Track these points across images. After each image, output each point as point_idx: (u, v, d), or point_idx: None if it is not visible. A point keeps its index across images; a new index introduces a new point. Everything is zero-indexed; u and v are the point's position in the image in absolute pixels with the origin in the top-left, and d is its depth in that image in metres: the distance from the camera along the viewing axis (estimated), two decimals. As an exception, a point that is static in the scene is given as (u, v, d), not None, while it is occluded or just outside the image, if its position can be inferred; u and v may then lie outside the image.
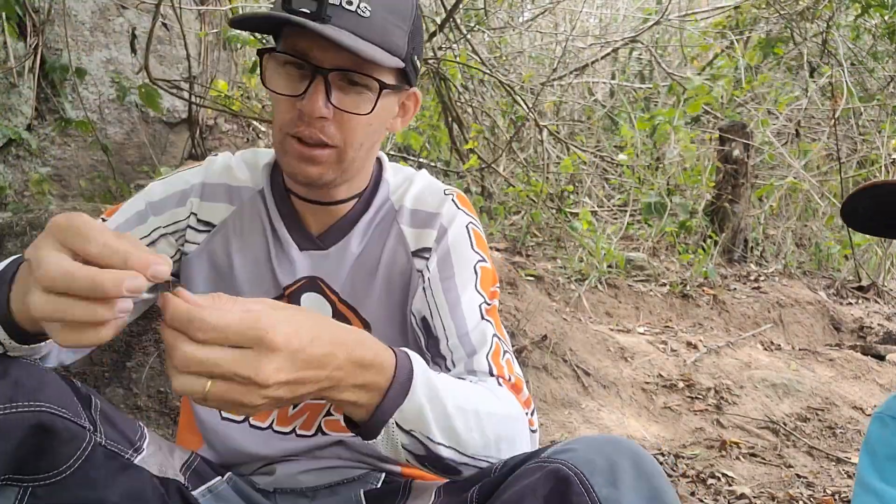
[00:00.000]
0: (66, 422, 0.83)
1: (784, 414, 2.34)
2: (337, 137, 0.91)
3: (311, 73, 0.88)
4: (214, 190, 1.04)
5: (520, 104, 3.90)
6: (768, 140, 4.13)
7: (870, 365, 2.79)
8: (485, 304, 0.99)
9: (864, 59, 4.72)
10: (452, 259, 1.00)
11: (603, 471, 0.73)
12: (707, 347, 2.73)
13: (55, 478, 0.83)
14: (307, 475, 1.03)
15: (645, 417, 2.25)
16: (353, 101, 0.90)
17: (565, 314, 2.77)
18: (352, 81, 0.90)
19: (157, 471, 0.94)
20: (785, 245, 4.22)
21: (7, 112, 2.94)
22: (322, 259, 1.02)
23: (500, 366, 0.96)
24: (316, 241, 1.02)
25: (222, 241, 1.03)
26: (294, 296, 1.02)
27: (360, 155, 0.95)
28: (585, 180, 4.40)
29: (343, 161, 0.94)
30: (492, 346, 0.97)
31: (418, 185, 1.06)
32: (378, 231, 1.03)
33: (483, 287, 1.00)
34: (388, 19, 0.89)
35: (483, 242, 1.04)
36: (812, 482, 1.92)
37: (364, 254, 1.02)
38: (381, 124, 0.96)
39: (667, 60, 5.46)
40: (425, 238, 1.01)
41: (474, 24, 4.15)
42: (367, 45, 0.86)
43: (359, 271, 1.02)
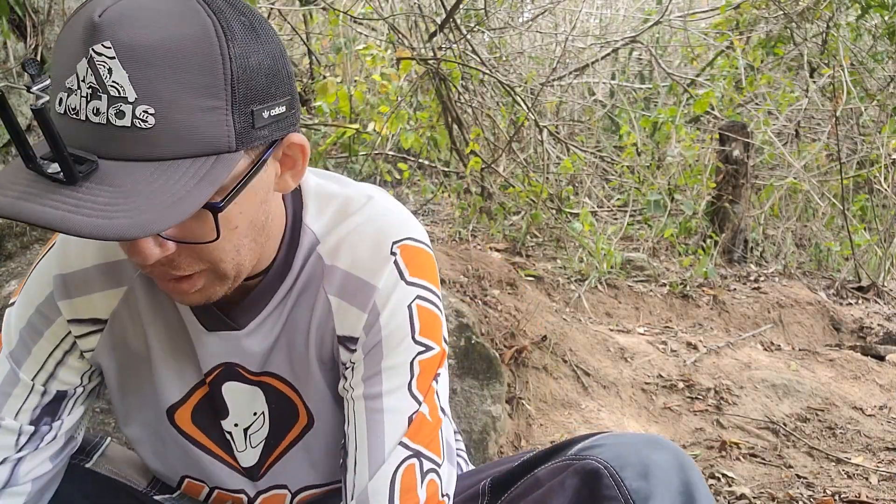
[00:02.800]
0: None
1: (784, 414, 2.34)
2: (197, 265, 0.69)
3: None
4: (83, 278, 0.80)
5: (520, 104, 3.90)
6: (768, 140, 4.13)
7: (870, 365, 2.79)
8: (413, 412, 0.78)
9: (864, 60, 4.72)
10: (384, 354, 0.78)
11: (633, 464, 0.72)
12: (707, 348, 2.73)
13: None
14: None
15: (645, 418, 2.25)
16: (190, 227, 0.65)
17: (565, 314, 2.77)
18: None
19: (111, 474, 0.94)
20: (785, 245, 4.22)
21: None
22: (236, 341, 0.81)
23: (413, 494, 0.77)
24: (225, 321, 0.80)
25: (121, 333, 0.83)
26: (215, 385, 0.84)
27: (245, 255, 0.72)
28: (585, 181, 4.40)
29: (226, 275, 0.71)
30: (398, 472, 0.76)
31: (355, 229, 0.80)
32: (302, 300, 0.81)
33: (420, 387, 0.79)
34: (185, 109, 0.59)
35: (431, 321, 0.80)
36: (812, 482, 1.92)
37: (288, 330, 0.82)
38: (258, 208, 0.70)
39: (667, 60, 5.47)
40: (352, 321, 0.79)
41: (474, 24, 4.15)
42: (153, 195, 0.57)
43: (284, 349, 0.82)
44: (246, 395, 0.84)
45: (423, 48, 3.49)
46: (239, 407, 0.85)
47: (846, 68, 4.19)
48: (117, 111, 0.58)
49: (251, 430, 0.86)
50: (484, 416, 1.87)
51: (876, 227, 4.40)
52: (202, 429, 0.87)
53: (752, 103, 4.45)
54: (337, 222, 0.81)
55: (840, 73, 4.14)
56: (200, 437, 0.87)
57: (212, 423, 0.86)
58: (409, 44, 3.54)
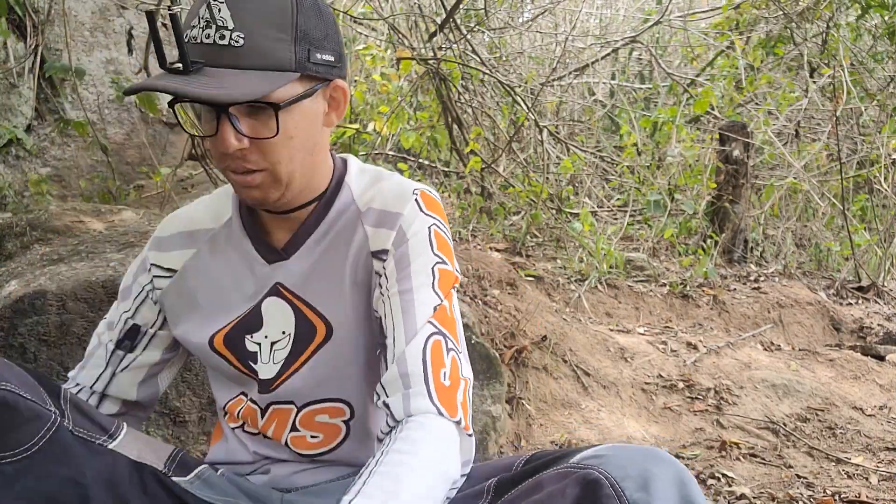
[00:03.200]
0: (28, 402, 0.89)
1: (784, 414, 2.34)
2: (261, 162, 0.92)
3: (215, 111, 0.89)
4: (169, 241, 1.10)
5: (520, 104, 3.90)
6: (768, 140, 4.13)
7: (870, 365, 2.79)
8: (436, 304, 0.96)
9: (864, 60, 4.72)
10: (410, 262, 0.98)
11: (634, 476, 0.75)
12: (707, 348, 2.73)
13: (21, 455, 0.88)
14: (301, 475, 1.06)
15: (645, 418, 2.25)
16: (260, 126, 0.90)
17: (565, 314, 2.77)
18: (255, 108, 0.89)
19: (134, 456, 1.00)
20: (785, 245, 4.22)
21: (7, 112, 2.94)
22: (284, 268, 1.02)
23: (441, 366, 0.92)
24: (280, 252, 1.03)
25: (186, 280, 1.08)
26: (257, 304, 1.04)
27: (296, 167, 0.95)
28: (585, 181, 4.40)
29: (280, 179, 0.94)
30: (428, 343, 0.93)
31: (385, 185, 1.04)
32: (341, 235, 1.02)
33: (441, 288, 0.98)
34: (265, 37, 0.87)
35: (445, 244, 1.02)
36: (812, 482, 1.92)
37: (327, 258, 1.02)
38: (309, 129, 0.95)
39: (667, 60, 5.46)
40: (384, 239, 1.00)
41: (474, 24, 4.15)
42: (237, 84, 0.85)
43: (323, 275, 1.02)
44: (280, 313, 1.03)
45: (423, 48, 3.49)
46: (273, 322, 1.03)
47: (846, 68, 4.19)
48: (220, 35, 0.86)
49: (277, 347, 1.03)
50: (484, 416, 1.87)
51: (876, 227, 4.40)
52: (230, 348, 1.05)
53: (752, 103, 4.45)
54: (371, 185, 1.05)
55: (840, 73, 4.14)
56: (229, 356, 1.05)
57: (240, 342, 1.04)
58: (409, 44, 3.54)
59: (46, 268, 1.85)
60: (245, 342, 1.04)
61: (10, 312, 1.67)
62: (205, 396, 1.73)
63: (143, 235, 2.07)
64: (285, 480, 1.05)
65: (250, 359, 1.04)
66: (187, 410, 1.72)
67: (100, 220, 2.40)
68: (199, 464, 1.06)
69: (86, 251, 1.97)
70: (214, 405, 1.17)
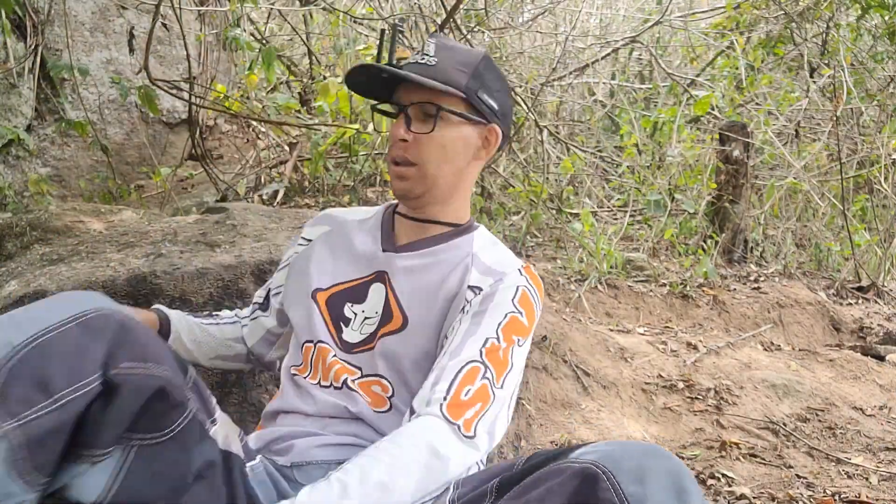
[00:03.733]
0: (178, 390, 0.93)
1: (784, 414, 2.34)
2: (416, 156, 1.17)
3: (398, 110, 1.20)
4: (319, 220, 1.37)
5: (520, 104, 3.90)
6: (769, 140, 4.13)
7: (870, 365, 2.79)
8: (493, 340, 1.09)
9: (864, 60, 4.72)
10: (493, 299, 1.14)
11: (630, 469, 0.77)
12: (707, 348, 2.73)
13: (158, 439, 0.91)
14: (322, 450, 1.11)
15: (645, 418, 2.25)
16: (423, 126, 1.17)
17: (565, 315, 2.77)
18: (426, 113, 1.16)
19: (221, 443, 1.03)
20: (785, 245, 4.22)
21: (7, 112, 2.94)
22: (393, 260, 1.23)
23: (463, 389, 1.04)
24: (396, 247, 1.25)
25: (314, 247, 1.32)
26: (366, 283, 1.24)
27: (442, 173, 1.19)
28: (586, 181, 4.40)
29: (426, 177, 1.18)
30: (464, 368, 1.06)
31: (501, 249, 1.26)
32: (449, 263, 1.21)
33: (504, 331, 1.11)
34: (450, 65, 1.16)
35: (530, 306, 1.17)
36: (812, 483, 1.92)
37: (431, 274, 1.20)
38: (461, 150, 1.19)
39: (667, 60, 5.46)
40: (483, 281, 1.17)
41: (474, 24, 4.15)
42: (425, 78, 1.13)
43: (422, 285, 1.20)
44: (380, 296, 1.21)
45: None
46: (372, 303, 1.22)
47: (846, 68, 4.19)
48: (422, 58, 1.18)
49: (368, 322, 1.21)
50: (484, 416, 1.86)
51: (876, 228, 4.40)
52: (329, 308, 1.24)
53: (753, 103, 4.45)
54: (490, 245, 1.27)
55: (840, 74, 4.14)
56: (325, 314, 1.24)
57: (340, 305, 1.23)
58: (409, 44, 3.54)
59: (46, 268, 1.85)
60: (344, 308, 1.23)
61: (11, 312, 1.66)
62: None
63: (143, 235, 2.07)
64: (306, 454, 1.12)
65: (342, 321, 1.22)
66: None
67: (100, 220, 2.40)
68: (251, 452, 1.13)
69: (86, 251, 1.97)
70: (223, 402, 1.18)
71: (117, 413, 0.85)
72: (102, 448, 0.85)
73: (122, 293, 1.70)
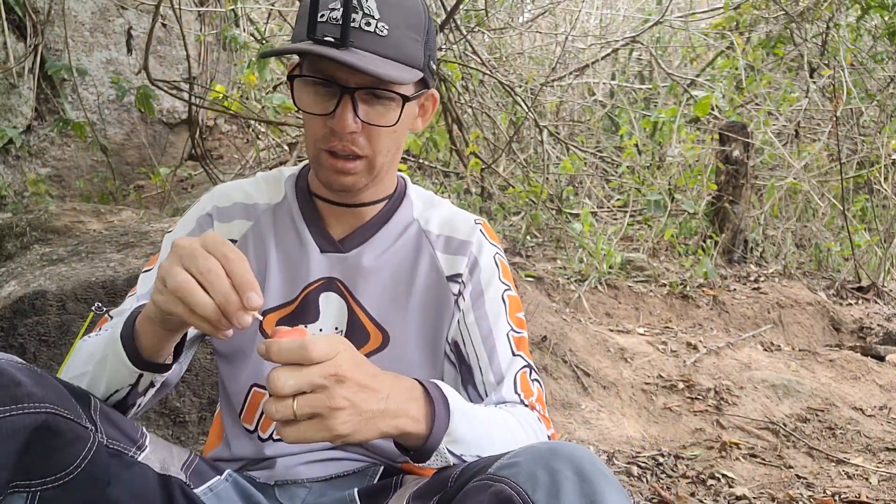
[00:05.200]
0: (70, 422, 0.83)
1: (784, 415, 2.34)
2: (367, 148, 0.98)
3: (338, 92, 0.94)
4: (228, 211, 1.11)
5: (520, 105, 3.90)
6: (768, 140, 4.13)
7: (870, 365, 2.78)
8: (513, 333, 1.06)
9: (864, 60, 4.72)
10: (484, 291, 1.06)
11: (545, 485, 0.75)
12: (707, 348, 2.73)
13: (62, 480, 0.83)
14: (306, 467, 1.04)
15: (645, 418, 2.25)
16: (378, 113, 0.97)
17: (565, 315, 2.77)
18: (376, 95, 0.95)
19: (159, 468, 0.94)
20: (785, 246, 4.22)
21: (7, 112, 2.94)
22: (341, 262, 1.06)
23: (530, 391, 1.04)
24: (337, 244, 1.07)
25: (244, 252, 1.07)
26: (312, 294, 1.06)
27: (387, 160, 1.02)
28: (585, 181, 4.40)
29: (374, 168, 1.01)
30: (518, 374, 1.04)
31: (445, 211, 1.12)
32: (406, 249, 1.08)
33: (511, 316, 1.07)
34: (404, 34, 0.95)
35: (508, 271, 1.11)
36: (812, 483, 1.92)
37: (392, 269, 1.07)
38: (405, 128, 1.03)
39: (667, 60, 5.46)
40: (457, 265, 1.07)
41: (474, 24, 4.15)
42: (386, 67, 0.93)
43: (388, 286, 1.06)
44: (336, 308, 1.06)
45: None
46: (328, 316, 1.06)
47: (846, 68, 4.19)
48: (366, 21, 0.92)
49: None
50: (484, 417, 1.86)
51: (876, 228, 4.40)
52: None
53: (753, 103, 4.45)
54: (430, 205, 1.13)
55: (840, 74, 4.14)
56: None
57: None
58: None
59: (46, 268, 1.85)
60: None
61: (10, 312, 1.66)
62: (205, 397, 1.73)
63: (143, 235, 2.06)
64: (289, 472, 1.04)
65: None
66: (187, 411, 1.72)
67: (99, 221, 2.40)
68: (212, 471, 1.03)
69: (85, 251, 1.97)
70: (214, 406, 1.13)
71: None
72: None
73: (122, 293, 1.70)
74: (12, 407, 0.78)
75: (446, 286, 1.06)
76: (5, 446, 0.77)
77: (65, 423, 0.82)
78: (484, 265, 1.08)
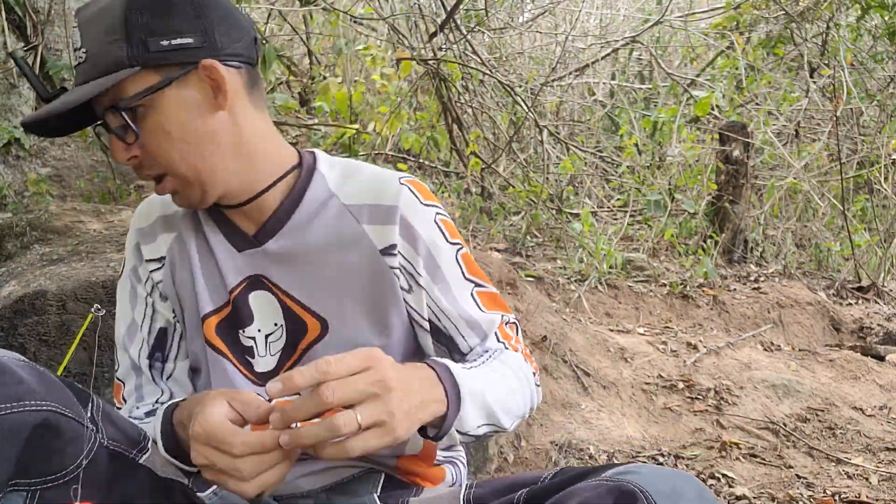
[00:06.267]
0: (71, 421, 0.82)
1: (784, 414, 2.34)
2: (156, 166, 0.93)
3: None
4: (151, 230, 1.07)
5: (520, 104, 3.90)
6: (768, 140, 4.13)
7: (870, 365, 2.78)
8: (478, 290, 1.04)
9: (864, 60, 4.72)
10: (437, 261, 1.01)
11: (665, 492, 0.77)
12: (707, 348, 2.73)
13: (62, 479, 0.82)
14: (306, 479, 1.03)
15: (645, 418, 2.25)
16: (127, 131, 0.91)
17: (565, 315, 2.77)
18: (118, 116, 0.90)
19: (160, 471, 0.93)
20: (785, 245, 4.22)
21: (7, 112, 2.94)
22: (260, 257, 1.01)
23: (509, 336, 1.06)
24: (251, 239, 1.01)
25: (173, 264, 1.05)
26: (241, 297, 1.02)
27: (199, 161, 0.93)
28: (586, 181, 4.40)
29: (188, 179, 0.94)
30: (496, 328, 1.04)
31: (365, 177, 1.02)
32: (327, 228, 1.00)
33: (471, 275, 1.04)
34: (100, 46, 0.89)
35: (452, 228, 1.04)
36: (812, 483, 1.92)
37: (316, 252, 1.00)
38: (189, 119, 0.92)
39: (667, 60, 5.46)
40: (388, 235, 0.99)
41: (474, 24, 4.15)
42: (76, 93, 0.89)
43: (315, 271, 1.00)
44: (269, 305, 1.02)
45: (424, 48, 3.49)
46: (263, 315, 1.02)
47: (846, 68, 4.19)
48: (77, 56, 0.90)
49: (272, 339, 1.03)
50: (484, 417, 1.86)
51: (876, 228, 4.40)
52: (224, 339, 1.03)
53: (753, 103, 4.45)
54: (347, 175, 1.03)
55: (840, 74, 4.14)
56: (222, 347, 1.03)
57: (233, 335, 1.03)
58: (409, 44, 3.54)
59: (46, 268, 1.85)
60: (239, 337, 1.02)
61: (10, 312, 1.67)
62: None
63: (143, 235, 2.06)
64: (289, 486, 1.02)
65: (247, 353, 1.02)
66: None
67: (99, 221, 2.40)
68: None
69: (86, 251, 1.97)
70: None
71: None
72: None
73: (122, 293, 1.70)
74: (13, 404, 0.77)
75: (381, 260, 0.99)
76: (6, 444, 0.77)
77: (66, 422, 0.81)
78: (423, 232, 0.99)
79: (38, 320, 1.66)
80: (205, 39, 0.90)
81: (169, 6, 0.89)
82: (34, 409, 0.79)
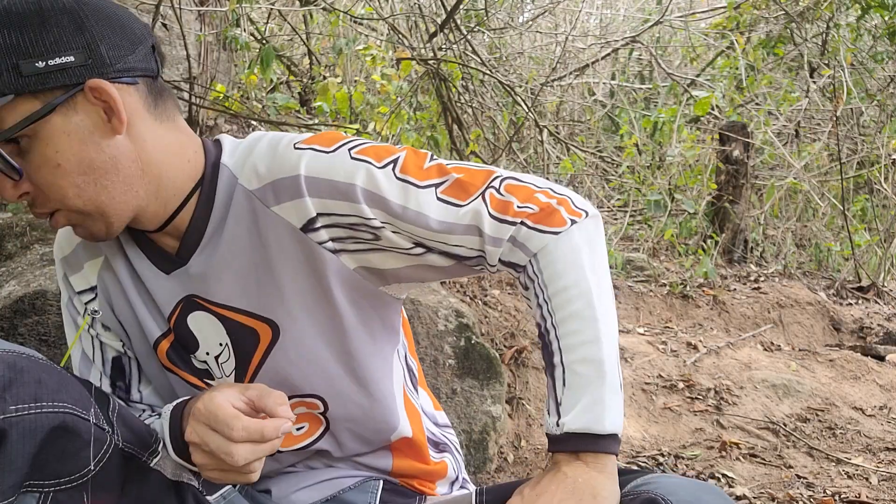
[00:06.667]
0: (87, 423, 0.81)
1: (784, 414, 2.34)
2: (49, 202, 0.84)
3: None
4: (75, 257, 0.98)
5: (520, 104, 3.90)
6: (769, 140, 4.13)
7: (870, 365, 2.78)
8: (440, 190, 0.89)
9: (864, 60, 4.72)
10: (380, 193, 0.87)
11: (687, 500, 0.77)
12: (707, 348, 2.73)
13: (76, 482, 0.81)
14: (302, 492, 1.02)
15: (645, 418, 2.25)
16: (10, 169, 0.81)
17: (565, 315, 2.77)
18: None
19: (170, 474, 0.93)
20: (785, 245, 4.22)
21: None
22: (186, 276, 0.92)
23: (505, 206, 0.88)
24: (175, 259, 0.92)
25: (107, 292, 0.98)
26: (180, 321, 0.94)
27: (98, 195, 0.84)
28: (586, 181, 4.40)
29: (88, 213, 0.85)
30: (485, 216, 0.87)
31: (262, 152, 0.90)
32: (240, 223, 0.90)
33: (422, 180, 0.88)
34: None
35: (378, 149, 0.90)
36: (812, 483, 1.92)
37: (239, 252, 0.91)
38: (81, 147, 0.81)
39: (667, 60, 5.46)
40: (303, 209, 0.88)
41: (474, 24, 4.15)
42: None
43: (245, 273, 0.91)
44: (210, 325, 0.94)
45: (424, 48, 3.49)
46: (206, 336, 0.94)
47: (846, 68, 4.19)
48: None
49: (221, 360, 0.96)
50: (484, 417, 1.87)
51: (876, 228, 4.40)
52: (179, 365, 0.97)
53: (753, 103, 4.45)
54: (245, 157, 0.91)
55: (840, 74, 4.14)
56: (180, 372, 0.97)
57: (185, 359, 0.97)
58: (409, 44, 3.54)
59: (46, 268, 1.85)
60: (192, 361, 0.97)
61: (10, 312, 1.67)
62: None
63: (143, 235, 2.07)
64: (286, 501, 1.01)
65: (205, 376, 0.97)
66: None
67: (100, 221, 2.40)
68: None
69: (86, 251, 1.97)
70: None
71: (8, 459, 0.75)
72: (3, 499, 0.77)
73: (122, 293, 1.70)
74: (31, 405, 0.76)
75: (306, 240, 0.88)
76: (22, 445, 0.76)
77: (83, 424, 0.81)
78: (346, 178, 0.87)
79: (38, 320, 1.66)
80: (89, 56, 0.79)
81: (42, 21, 0.78)
82: (51, 410, 0.78)
